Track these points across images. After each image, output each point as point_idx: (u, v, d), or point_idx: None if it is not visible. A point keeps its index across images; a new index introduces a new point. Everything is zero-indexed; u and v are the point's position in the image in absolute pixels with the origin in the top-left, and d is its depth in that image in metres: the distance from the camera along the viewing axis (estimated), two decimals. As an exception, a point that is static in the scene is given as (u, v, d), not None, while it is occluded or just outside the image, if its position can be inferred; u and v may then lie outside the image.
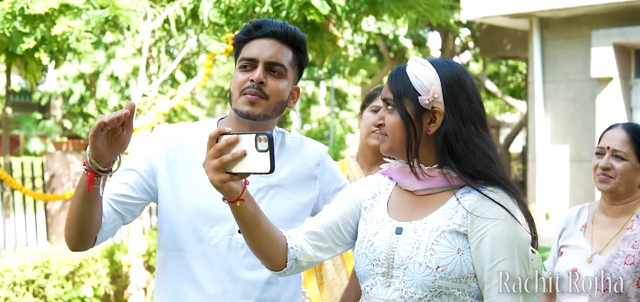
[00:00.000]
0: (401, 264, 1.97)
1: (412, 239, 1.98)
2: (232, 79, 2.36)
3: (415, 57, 2.08)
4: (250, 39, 2.35)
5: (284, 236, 2.06)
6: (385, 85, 2.08)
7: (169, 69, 7.40)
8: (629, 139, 2.90)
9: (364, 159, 3.42)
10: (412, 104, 2.00)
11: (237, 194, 1.90)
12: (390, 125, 2.03)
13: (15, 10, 5.62)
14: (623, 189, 2.91)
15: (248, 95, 2.29)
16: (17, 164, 10.60)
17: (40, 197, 8.49)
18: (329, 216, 2.14)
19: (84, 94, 22.49)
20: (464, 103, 2.01)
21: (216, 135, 1.85)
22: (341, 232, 2.13)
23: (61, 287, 7.04)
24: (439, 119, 2.00)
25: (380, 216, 2.08)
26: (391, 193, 2.12)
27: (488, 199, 1.96)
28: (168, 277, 2.37)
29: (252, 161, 1.83)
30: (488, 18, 13.34)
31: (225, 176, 1.85)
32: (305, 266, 2.09)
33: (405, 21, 7.72)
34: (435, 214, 1.99)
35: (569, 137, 12.42)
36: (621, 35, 11.21)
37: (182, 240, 2.33)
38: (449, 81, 2.01)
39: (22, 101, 28.32)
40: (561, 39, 12.34)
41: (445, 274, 1.93)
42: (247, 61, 2.32)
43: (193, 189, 2.32)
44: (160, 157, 2.35)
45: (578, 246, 2.98)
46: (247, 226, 1.98)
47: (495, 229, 1.94)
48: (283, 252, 2.04)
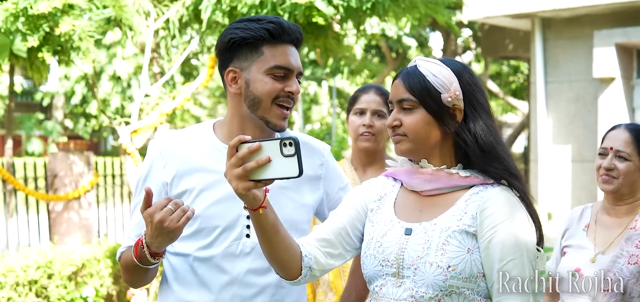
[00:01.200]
0: (411, 264, 1.97)
1: (422, 240, 1.98)
2: (259, 84, 2.26)
3: (421, 57, 2.09)
4: (276, 43, 2.26)
5: (298, 245, 2.07)
6: (396, 87, 2.06)
7: (171, 69, 7.41)
8: (632, 140, 2.90)
9: (358, 161, 3.44)
10: (433, 102, 2.00)
11: (259, 202, 1.90)
12: (412, 124, 2.02)
13: (18, 11, 5.62)
14: (626, 189, 2.91)
15: (284, 110, 2.26)
16: (19, 164, 10.62)
17: (43, 197, 8.50)
18: (337, 222, 2.14)
19: (86, 94, 22.52)
20: (481, 97, 2.04)
21: (236, 144, 1.84)
22: (350, 237, 2.13)
23: (64, 288, 7.05)
24: (459, 116, 2.02)
25: (388, 218, 2.08)
26: (397, 195, 2.12)
27: (500, 199, 1.97)
28: (175, 283, 2.35)
29: (278, 167, 1.83)
30: (490, 18, 13.33)
31: (249, 183, 1.85)
32: (318, 274, 2.10)
33: (408, 21, 7.72)
34: (445, 215, 2.00)
35: (571, 137, 12.41)
36: (623, 36, 11.19)
37: (191, 246, 2.31)
38: (464, 78, 2.03)
39: (24, 101, 28.34)
40: (563, 39, 12.33)
41: (456, 273, 1.93)
42: (284, 70, 2.26)
43: (199, 197, 2.29)
44: (163, 176, 2.32)
45: (581, 246, 2.98)
46: (267, 234, 1.98)
47: (504, 230, 1.95)
48: (298, 260, 2.05)
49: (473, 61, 24.48)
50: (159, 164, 2.33)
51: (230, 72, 2.30)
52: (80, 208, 8.79)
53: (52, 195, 8.59)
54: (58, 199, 8.56)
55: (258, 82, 2.25)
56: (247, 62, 2.27)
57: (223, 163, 2.26)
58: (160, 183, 2.32)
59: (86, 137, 26.47)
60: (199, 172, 2.29)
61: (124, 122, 6.90)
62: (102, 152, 29.18)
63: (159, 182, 2.32)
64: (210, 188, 2.27)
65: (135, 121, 6.80)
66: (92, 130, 26.95)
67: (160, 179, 2.32)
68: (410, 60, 2.33)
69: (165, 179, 2.31)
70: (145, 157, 2.40)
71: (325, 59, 8.82)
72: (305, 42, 6.99)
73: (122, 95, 20.97)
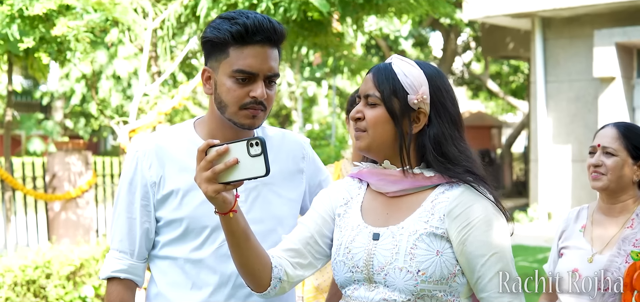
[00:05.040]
0: (381, 269, 1.95)
1: (390, 245, 1.96)
2: (224, 88, 2.19)
3: (398, 56, 2.07)
4: (242, 45, 2.16)
5: (269, 255, 2.04)
6: (367, 81, 2.04)
7: (170, 68, 7.40)
8: (618, 135, 2.91)
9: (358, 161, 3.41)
10: (399, 102, 1.98)
11: (229, 205, 1.90)
12: (372, 120, 2.00)
13: (14, 12, 5.63)
14: (614, 185, 2.91)
15: (251, 111, 2.19)
16: (18, 164, 10.61)
17: (42, 197, 8.49)
18: (304, 231, 2.11)
19: (86, 94, 22.52)
20: (449, 105, 2.01)
21: (205, 148, 1.85)
22: (319, 244, 2.10)
23: (62, 288, 7.03)
24: (423, 120, 1.99)
25: (355, 222, 2.05)
26: (363, 197, 2.10)
27: (467, 196, 1.96)
28: (167, 288, 2.31)
29: (246, 167, 1.84)
30: (490, 18, 13.33)
31: (219, 186, 1.85)
32: (287, 287, 2.07)
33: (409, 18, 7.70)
34: (412, 218, 1.98)
35: (571, 137, 12.40)
36: (623, 35, 11.19)
37: (181, 249, 2.28)
38: (436, 83, 2.00)
39: (23, 101, 28.34)
40: (563, 38, 12.32)
41: (426, 277, 1.91)
42: (246, 74, 2.16)
43: (186, 197, 2.26)
44: (150, 177, 2.27)
45: (578, 247, 2.97)
46: (237, 240, 1.96)
47: (479, 225, 1.93)
48: (268, 271, 2.02)
49: (473, 61, 24.49)
50: (144, 164, 2.28)
51: (205, 72, 2.25)
52: (79, 208, 8.78)
53: (50, 195, 8.58)
54: (56, 198, 8.55)
55: (223, 86, 2.19)
56: (216, 63, 2.21)
57: None
58: (147, 184, 2.28)
59: (86, 137, 26.47)
60: (184, 172, 2.26)
61: (123, 122, 6.89)
62: (102, 152, 29.18)
63: (146, 183, 2.28)
64: (196, 188, 2.21)
65: (133, 121, 6.79)
66: (92, 130, 26.96)
67: (147, 180, 2.28)
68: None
69: (153, 179, 2.27)
70: (127, 159, 2.34)
71: (325, 57, 8.81)
72: (304, 39, 6.97)
73: (123, 95, 20.97)
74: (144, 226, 2.30)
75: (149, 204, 2.29)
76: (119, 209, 2.32)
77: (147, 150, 2.29)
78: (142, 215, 2.29)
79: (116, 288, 2.31)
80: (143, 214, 2.29)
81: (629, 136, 2.91)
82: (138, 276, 2.33)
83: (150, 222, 2.30)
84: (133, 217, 2.30)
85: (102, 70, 20.26)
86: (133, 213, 2.30)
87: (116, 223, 2.33)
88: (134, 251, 2.31)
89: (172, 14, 6.68)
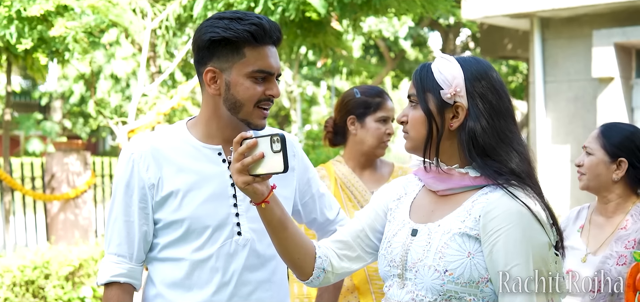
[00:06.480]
0: (413, 266, 1.95)
1: (424, 241, 1.95)
2: (241, 88, 2.20)
3: (442, 54, 2.07)
4: (258, 45, 2.19)
5: (313, 245, 2.08)
6: (412, 81, 2.05)
7: (169, 69, 7.40)
8: (598, 135, 2.94)
9: (355, 162, 3.31)
10: (434, 98, 1.97)
11: (262, 196, 1.96)
12: (413, 121, 2.01)
13: (12, 14, 5.64)
14: (593, 183, 2.92)
15: (265, 110, 2.24)
16: (16, 165, 10.59)
17: (40, 197, 8.48)
18: (356, 224, 2.14)
19: (84, 94, 22.50)
20: (491, 96, 1.96)
21: (239, 140, 1.91)
22: (369, 238, 2.13)
23: (61, 288, 7.03)
24: (461, 114, 1.96)
25: (401, 218, 2.07)
26: (417, 194, 2.10)
27: (504, 201, 1.90)
28: (167, 290, 2.30)
29: (269, 162, 1.91)
30: (488, 18, 13.33)
31: (248, 177, 1.92)
32: (332, 278, 2.10)
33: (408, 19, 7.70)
34: (450, 216, 1.96)
35: (570, 137, 12.40)
36: (622, 35, 11.19)
37: (184, 250, 2.27)
38: (474, 76, 1.97)
39: (22, 101, 28.30)
40: (562, 38, 12.33)
41: (453, 278, 1.88)
42: (265, 74, 2.21)
43: (186, 198, 2.25)
44: (148, 178, 2.26)
45: (574, 247, 2.97)
46: (274, 229, 2.02)
47: (508, 233, 1.87)
48: (311, 260, 2.07)
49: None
50: (141, 166, 2.26)
51: (209, 72, 2.23)
52: (77, 208, 8.77)
53: (49, 195, 8.57)
54: (55, 199, 8.54)
55: (239, 86, 2.20)
56: (227, 63, 2.21)
57: (204, 162, 2.25)
58: (145, 186, 2.26)
59: (85, 137, 26.45)
60: (183, 173, 2.25)
61: (121, 122, 6.89)
62: (100, 152, 29.14)
63: (144, 185, 2.26)
64: (195, 188, 2.24)
65: (132, 121, 6.78)
66: (91, 131, 26.93)
67: (145, 182, 2.26)
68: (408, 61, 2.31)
69: (152, 181, 2.26)
70: (122, 161, 2.30)
71: (324, 57, 8.81)
72: (302, 39, 6.96)
73: (122, 95, 20.95)
74: (142, 229, 2.29)
75: (147, 207, 2.28)
76: (116, 212, 2.30)
77: (143, 152, 2.27)
78: (140, 218, 2.28)
79: (115, 293, 2.30)
80: (141, 216, 2.28)
81: (607, 135, 2.91)
82: (137, 279, 2.33)
83: (148, 225, 2.30)
84: (131, 220, 2.29)
85: (100, 70, 20.24)
86: (131, 216, 2.29)
87: (113, 227, 2.32)
88: (133, 254, 2.30)
89: (171, 14, 6.68)
